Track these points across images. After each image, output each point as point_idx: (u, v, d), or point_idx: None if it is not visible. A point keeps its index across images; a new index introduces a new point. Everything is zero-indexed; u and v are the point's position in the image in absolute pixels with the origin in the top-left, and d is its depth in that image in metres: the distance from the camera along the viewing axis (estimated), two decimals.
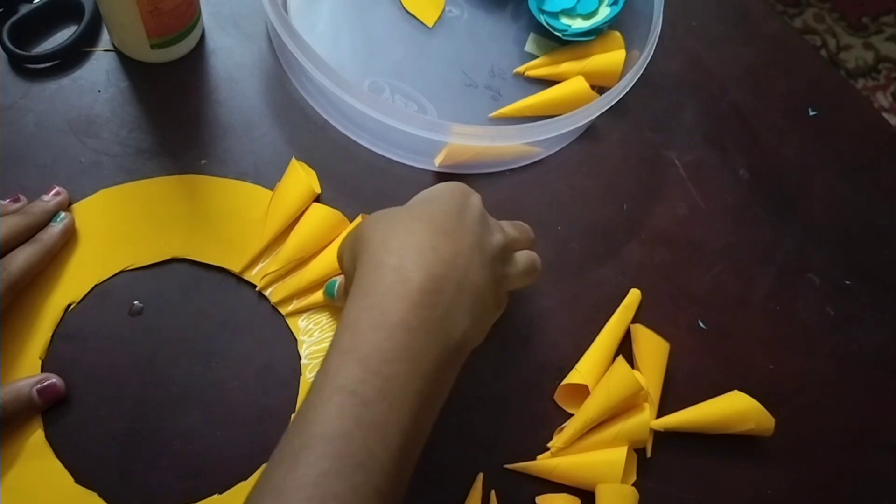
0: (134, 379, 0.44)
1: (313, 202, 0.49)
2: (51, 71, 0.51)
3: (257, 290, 0.47)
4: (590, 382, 0.47)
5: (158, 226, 0.47)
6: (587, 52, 0.57)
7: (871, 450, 0.51)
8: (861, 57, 1.48)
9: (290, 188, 0.49)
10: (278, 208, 0.48)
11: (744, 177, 0.57)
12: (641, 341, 0.49)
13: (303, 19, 0.56)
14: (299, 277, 0.47)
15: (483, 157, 0.53)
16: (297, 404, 0.45)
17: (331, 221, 0.48)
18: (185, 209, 0.48)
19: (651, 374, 0.48)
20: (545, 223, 0.53)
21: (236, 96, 0.53)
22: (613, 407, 0.45)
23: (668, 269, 0.53)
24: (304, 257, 0.47)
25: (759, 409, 0.47)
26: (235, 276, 0.47)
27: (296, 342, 0.46)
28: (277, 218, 0.48)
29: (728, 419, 0.47)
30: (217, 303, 0.47)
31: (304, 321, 0.47)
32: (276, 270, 0.47)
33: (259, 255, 0.47)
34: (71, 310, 0.45)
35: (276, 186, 0.49)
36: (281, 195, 0.49)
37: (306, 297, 0.47)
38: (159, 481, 0.42)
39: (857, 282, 0.55)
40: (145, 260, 0.47)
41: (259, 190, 0.50)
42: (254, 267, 0.47)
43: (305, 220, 0.48)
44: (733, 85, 0.61)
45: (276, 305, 0.47)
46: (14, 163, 0.48)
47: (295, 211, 0.48)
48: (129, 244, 0.47)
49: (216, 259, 0.47)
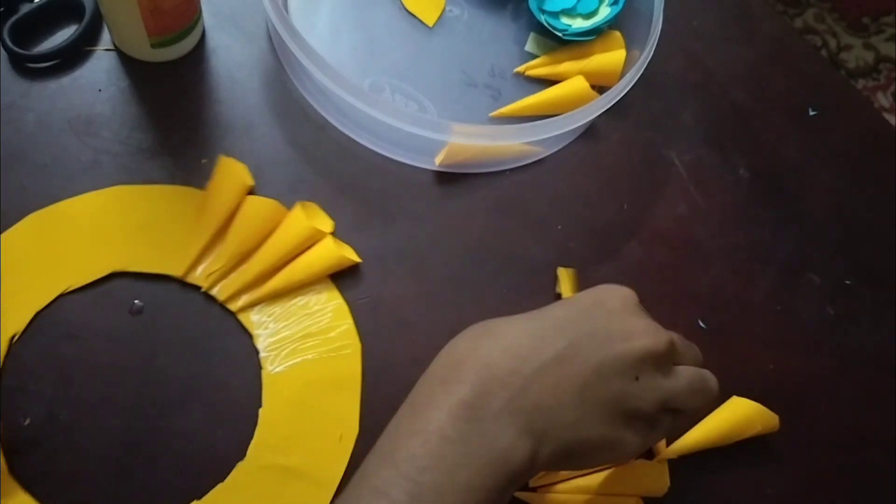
0: (135, 379, 0.44)
1: (247, 195, 0.48)
2: (51, 70, 0.51)
3: (203, 290, 0.46)
4: None
5: (91, 243, 0.46)
6: (587, 52, 0.57)
7: (872, 449, 0.51)
8: (861, 57, 1.48)
9: (223, 184, 0.48)
10: (213, 206, 0.47)
11: (744, 176, 0.57)
12: None
13: (303, 18, 0.56)
14: (244, 272, 0.47)
15: (483, 157, 0.53)
16: (262, 400, 0.45)
17: (268, 211, 0.48)
18: (116, 222, 0.47)
19: None
20: (545, 223, 0.53)
21: (237, 95, 0.53)
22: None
23: (668, 268, 0.53)
24: (246, 251, 0.47)
25: (762, 410, 0.47)
26: (179, 281, 0.47)
27: (251, 337, 0.46)
28: (213, 216, 0.47)
29: (735, 428, 0.47)
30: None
31: (256, 315, 0.47)
32: (219, 268, 0.46)
33: (200, 256, 0.47)
34: (15, 342, 0.44)
35: (208, 185, 0.49)
36: (214, 193, 0.48)
37: (255, 291, 0.47)
38: (159, 481, 0.42)
39: (857, 281, 0.55)
40: (83, 279, 0.45)
41: (190, 191, 0.49)
42: (196, 268, 0.47)
43: (242, 214, 0.47)
44: (733, 85, 0.61)
45: (224, 303, 0.46)
46: (14, 162, 0.48)
47: (230, 206, 0.47)
48: (65, 266, 0.46)
49: (157, 267, 0.46)
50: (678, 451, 0.46)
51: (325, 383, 0.46)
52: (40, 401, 0.43)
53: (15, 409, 0.43)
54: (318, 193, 0.51)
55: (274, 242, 0.47)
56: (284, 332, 0.46)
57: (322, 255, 0.47)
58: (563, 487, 0.45)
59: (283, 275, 0.47)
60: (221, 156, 0.49)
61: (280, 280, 0.47)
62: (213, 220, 0.47)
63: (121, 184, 0.48)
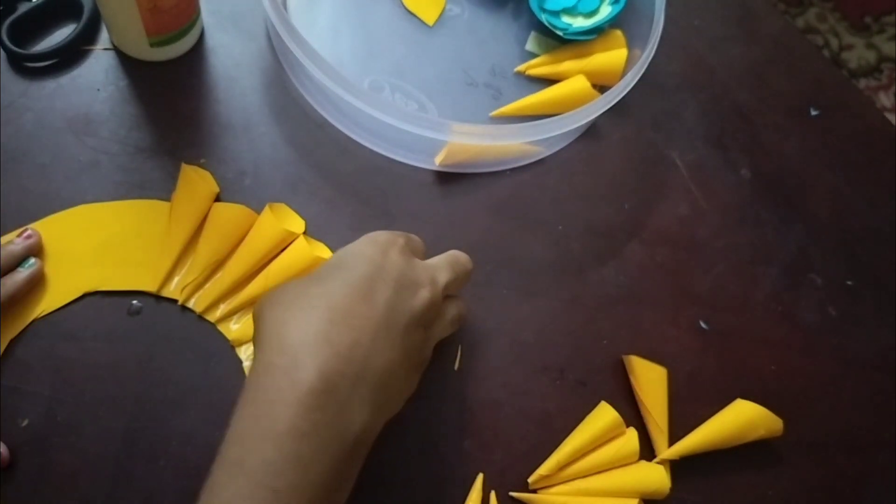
0: (134, 379, 0.44)
1: (214, 202, 0.48)
2: (50, 69, 0.51)
3: (179, 303, 0.46)
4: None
5: (61, 265, 0.46)
6: (588, 51, 0.57)
7: (873, 450, 0.51)
8: (863, 57, 1.48)
9: (188, 194, 0.47)
10: (180, 217, 0.47)
11: (745, 176, 0.57)
12: (638, 372, 0.48)
13: (302, 17, 0.56)
14: (219, 282, 0.46)
15: (483, 157, 0.53)
16: None
17: (237, 218, 0.47)
18: (84, 242, 0.46)
19: (655, 404, 0.47)
20: (545, 223, 0.53)
21: (236, 95, 0.53)
22: (594, 441, 0.45)
23: (669, 269, 0.53)
24: (218, 259, 0.46)
25: (766, 415, 0.47)
26: (154, 296, 0.46)
27: (232, 347, 0.46)
28: (181, 227, 0.47)
29: (738, 431, 0.47)
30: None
31: (235, 324, 0.46)
32: (194, 280, 0.46)
33: (173, 269, 0.46)
34: (12, 343, 0.44)
35: (173, 196, 0.48)
36: (179, 203, 0.47)
37: (231, 300, 0.46)
38: (159, 481, 0.42)
39: (859, 282, 0.55)
40: (57, 303, 0.45)
41: (156, 204, 0.48)
42: (170, 282, 0.46)
43: (211, 222, 0.47)
44: (735, 84, 0.61)
45: (202, 315, 0.46)
46: (13, 162, 0.48)
47: (198, 216, 0.47)
48: (36, 291, 0.45)
49: (130, 284, 0.46)
50: (679, 453, 0.46)
51: None
52: (38, 401, 0.43)
53: (13, 410, 0.43)
54: (318, 193, 0.50)
55: (245, 249, 0.47)
56: None
57: (296, 257, 0.47)
58: (564, 489, 0.45)
59: (259, 280, 0.46)
60: (183, 164, 0.48)
61: (256, 286, 0.46)
62: (181, 232, 0.47)
63: (120, 183, 0.48)
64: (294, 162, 0.51)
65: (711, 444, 0.47)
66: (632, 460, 0.45)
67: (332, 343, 0.34)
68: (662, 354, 0.50)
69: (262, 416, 0.33)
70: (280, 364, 0.34)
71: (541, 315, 0.50)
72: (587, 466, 0.45)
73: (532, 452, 0.46)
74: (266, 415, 0.33)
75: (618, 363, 0.49)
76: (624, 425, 0.46)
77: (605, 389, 0.49)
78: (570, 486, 0.45)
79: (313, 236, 0.49)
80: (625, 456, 0.45)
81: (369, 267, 0.37)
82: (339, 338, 0.34)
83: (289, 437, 0.32)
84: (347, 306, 0.35)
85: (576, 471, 0.45)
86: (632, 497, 0.45)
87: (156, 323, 0.46)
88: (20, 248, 0.44)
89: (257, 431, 0.33)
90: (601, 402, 0.46)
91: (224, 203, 0.48)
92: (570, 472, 0.45)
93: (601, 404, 0.46)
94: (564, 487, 0.45)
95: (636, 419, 0.48)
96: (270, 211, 0.47)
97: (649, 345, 0.50)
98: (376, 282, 0.37)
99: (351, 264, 0.38)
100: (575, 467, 0.45)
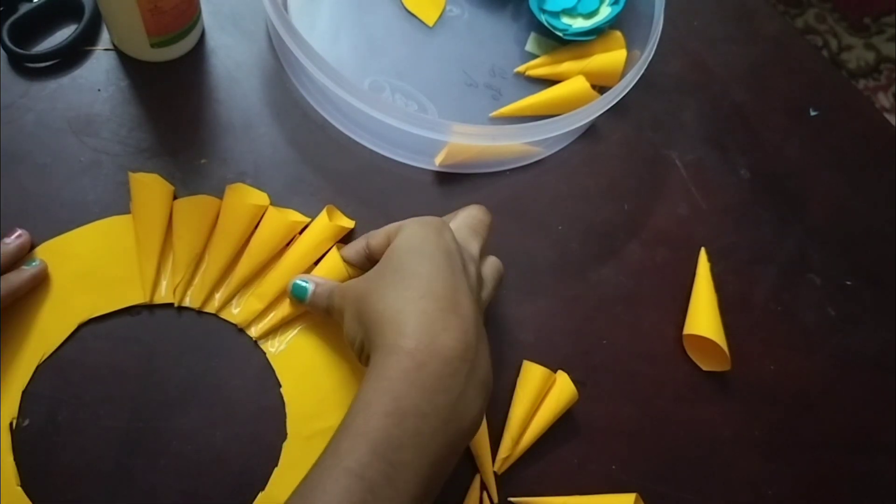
0: (134, 379, 0.44)
1: (174, 200, 0.48)
2: (50, 70, 0.51)
3: (176, 306, 0.46)
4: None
5: (47, 305, 0.45)
6: (588, 52, 0.57)
7: (872, 450, 0.51)
8: (862, 57, 1.48)
9: (145, 200, 0.47)
10: (145, 224, 0.47)
11: (745, 177, 0.57)
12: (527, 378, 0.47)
13: (303, 18, 0.56)
14: (203, 275, 0.47)
15: (483, 157, 0.53)
16: (279, 380, 0.45)
17: (202, 208, 0.48)
18: (61, 276, 0.46)
19: (521, 407, 0.46)
20: (545, 223, 0.53)
21: (236, 95, 0.53)
22: (534, 402, 0.46)
23: (669, 268, 0.53)
24: (198, 253, 0.47)
25: (547, 374, 0.47)
26: (149, 307, 0.46)
27: (240, 331, 0.46)
28: (150, 233, 0.47)
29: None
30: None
31: (236, 308, 0.47)
32: (181, 278, 0.46)
33: (157, 275, 0.46)
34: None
35: (131, 206, 0.48)
36: (140, 211, 0.47)
37: (224, 286, 0.47)
38: (159, 481, 0.42)
39: (858, 282, 0.55)
40: (54, 343, 0.44)
41: (117, 220, 0.48)
42: (159, 288, 0.46)
43: (178, 219, 0.47)
44: (734, 85, 0.61)
45: (201, 309, 0.46)
46: (13, 162, 0.48)
47: (163, 218, 0.47)
48: (29, 338, 0.44)
49: (121, 302, 0.46)
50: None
51: (330, 343, 0.46)
52: (39, 402, 0.43)
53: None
54: (318, 193, 0.50)
55: (221, 237, 0.47)
56: (270, 312, 0.47)
57: (273, 227, 0.48)
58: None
59: (245, 260, 0.47)
60: (130, 173, 0.48)
61: (244, 267, 0.47)
62: (152, 238, 0.47)
63: (121, 184, 0.48)
64: (294, 162, 0.51)
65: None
66: (574, 400, 0.46)
67: (447, 330, 0.36)
68: (662, 354, 0.50)
69: (387, 391, 0.35)
70: (406, 347, 0.36)
71: (541, 315, 0.50)
72: (540, 426, 0.46)
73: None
74: (391, 391, 0.35)
75: (618, 363, 0.49)
76: (551, 373, 0.47)
77: (605, 389, 0.49)
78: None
79: None
80: (567, 398, 0.46)
81: (441, 253, 0.39)
82: (452, 325, 0.36)
83: (411, 415, 0.34)
84: (449, 294, 0.37)
85: (532, 435, 0.46)
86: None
87: (156, 323, 0.46)
88: (13, 246, 0.45)
89: (382, 407, 0.35)
90: (524, 361, 0.47)
91: (184, 199, 0.48)
92: (527, 439, 0.46)
93: (524, 364, 0.47)
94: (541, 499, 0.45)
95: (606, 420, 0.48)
96: (232, 191, 0.48)
97: (649, 345, 0.50)
98: (454, 265, 0.39)
99: (426, 252, 0.39)
100: (529, 433, 0.46)
